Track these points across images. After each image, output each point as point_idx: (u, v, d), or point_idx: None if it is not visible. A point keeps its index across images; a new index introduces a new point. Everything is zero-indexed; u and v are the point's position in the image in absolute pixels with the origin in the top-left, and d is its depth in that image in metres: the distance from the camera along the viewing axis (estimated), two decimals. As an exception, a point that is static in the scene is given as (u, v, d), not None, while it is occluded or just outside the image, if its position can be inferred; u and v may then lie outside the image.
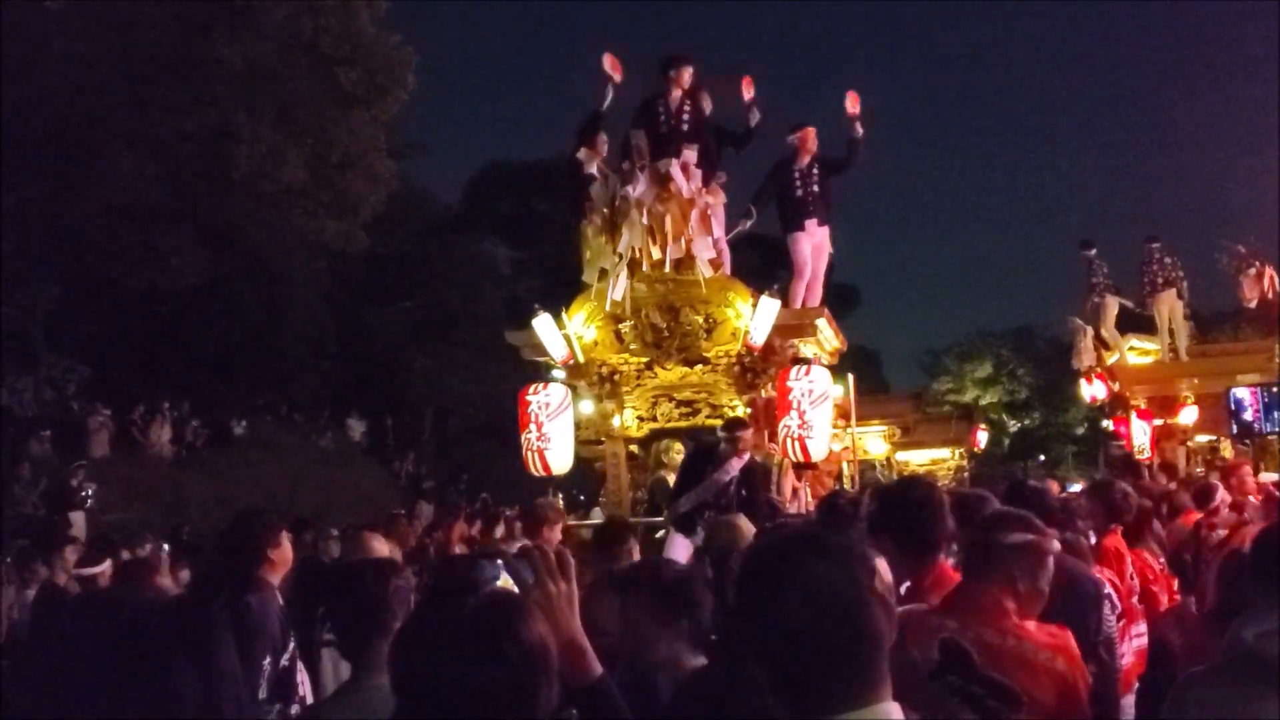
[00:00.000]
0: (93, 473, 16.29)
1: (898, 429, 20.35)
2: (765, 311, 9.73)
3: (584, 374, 10.36)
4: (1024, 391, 47.65)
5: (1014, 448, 46.46)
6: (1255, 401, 15.16)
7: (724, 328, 10.14)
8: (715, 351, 10.18)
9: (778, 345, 10.06)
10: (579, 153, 10.44)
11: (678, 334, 10.16)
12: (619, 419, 10.35)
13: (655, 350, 10.21)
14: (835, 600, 1.77)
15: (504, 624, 1.88)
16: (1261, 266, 18.02)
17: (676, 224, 9.94)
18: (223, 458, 20.28)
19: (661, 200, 9.94)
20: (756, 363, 10.03)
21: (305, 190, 19.93)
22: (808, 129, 11.15)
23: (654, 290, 10.21)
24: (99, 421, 18.62)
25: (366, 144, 20.09)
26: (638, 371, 10.33)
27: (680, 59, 10.59)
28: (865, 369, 43.72)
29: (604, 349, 10.37)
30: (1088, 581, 4.12)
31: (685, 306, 10.17)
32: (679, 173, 9.96)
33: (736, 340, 10.00)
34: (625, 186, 10.06)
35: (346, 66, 19.11)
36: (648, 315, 10.19)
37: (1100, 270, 19.47)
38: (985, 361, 47.74)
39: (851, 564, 1.81)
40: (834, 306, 29.87)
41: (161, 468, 19.12)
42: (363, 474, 23.31)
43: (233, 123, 18.55)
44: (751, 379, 10.09)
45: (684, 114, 10.44)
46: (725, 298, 10.16)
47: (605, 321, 10.30)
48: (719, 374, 10.22)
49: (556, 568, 2.22)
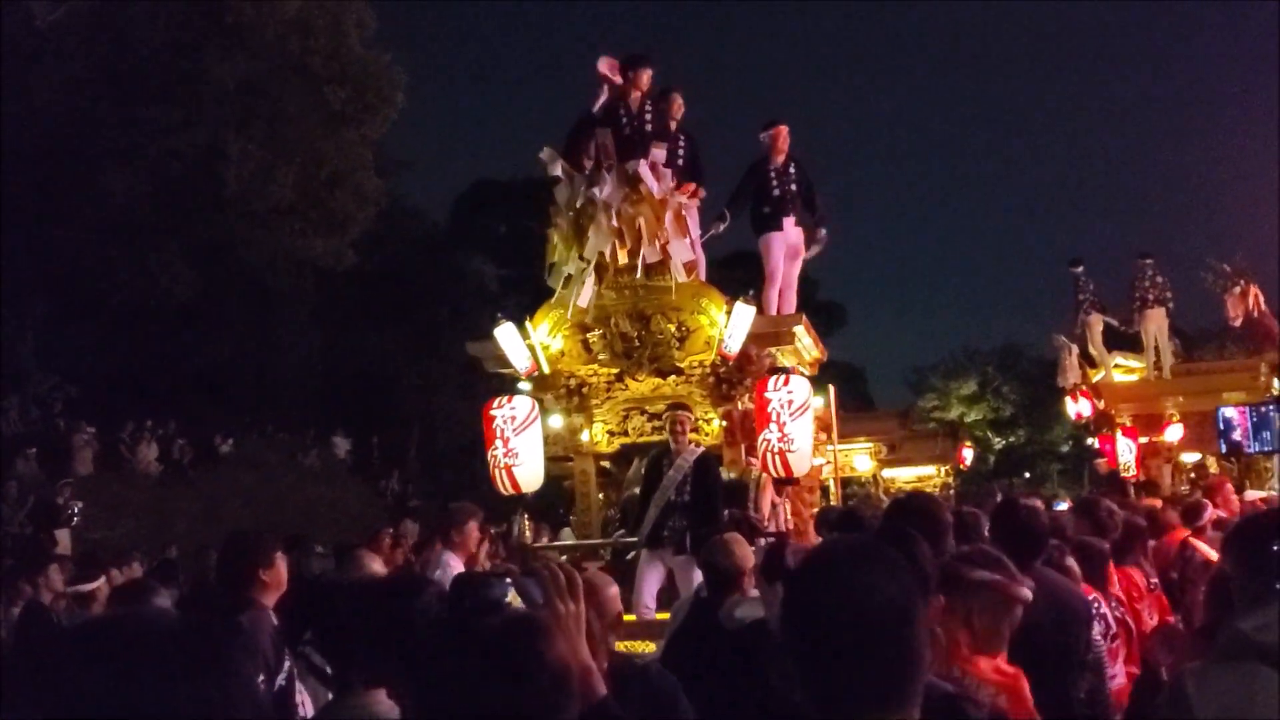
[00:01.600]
0: (79, 491, 16.25)
1: (884, 446, 20.43)
2: (740, 318, 9.23)
3: (551, 386, 9.84)
4: (1009, 409, 47.79)
5: (999, 465, 46.54)
6: (1244, 421, 15.21)
7: (697, 336, 9.60)
8: (689, 361, 9.63)
9: (754, 354, 9.52)
10: (542, 153, 9.90)
11: (648, 343, 9.62)
12: (588, 433, 9.84)
13: (625, 360, 9.67)
14: (887, 612, 1.79)
15: (529, 644, 1.91)
16: (1246, 285, 18.14)
17: (649, 226, 9.47)
18: (208, 476, 20.24)
19: (631, 202, 9.49)
20: (732, 373, 9.51)
21: (294, 208, 19.97)
22: (779, 127, 10.77)
23: (623, 297, 9.69)
24: (84, 439, 18.57)
25: (355, 162, 20.15)
26: (607, 383, 9.81)
27: (638, 59, 10.13)
28: (851, 386, 43.86)
29: (571, 360, 9.83)
30: (1076, 600, 4.14)
31: (656, 314, 9.63)
32: (648, 173, 9.46)
33: (710, 349, 9.47)
34: (592, 188, 9.60)
35: (336, 85, 19.18)
36: (617, 323, 9.67)
37: (1087, 288, 19.58)
38: (970, 379, 47.91)
39: (907, 578, 1.84)
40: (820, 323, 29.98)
41: (147, 486, 19.07)
42: (348, 492, 23.24)
43: (222, 141, 18.58)
44: (727, 390, 9.57)
45: (645, 115, 9.92)
46: (698, 304, 9.64)
47: (572, 331, 9.78)
48: (693, 385, 9.66)
49: (565, 588, 2.23)
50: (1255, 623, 2.80)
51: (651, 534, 8.33)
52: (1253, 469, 16.27)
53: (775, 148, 10.69)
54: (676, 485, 8.39)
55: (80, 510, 15.70)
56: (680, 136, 10.15)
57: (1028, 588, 3.18)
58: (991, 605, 3.09)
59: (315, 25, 18.67)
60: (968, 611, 3.05)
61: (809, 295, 41.41)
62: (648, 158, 9.60)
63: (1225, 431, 15.37)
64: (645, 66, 10.02)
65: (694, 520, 8.12)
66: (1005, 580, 3.14)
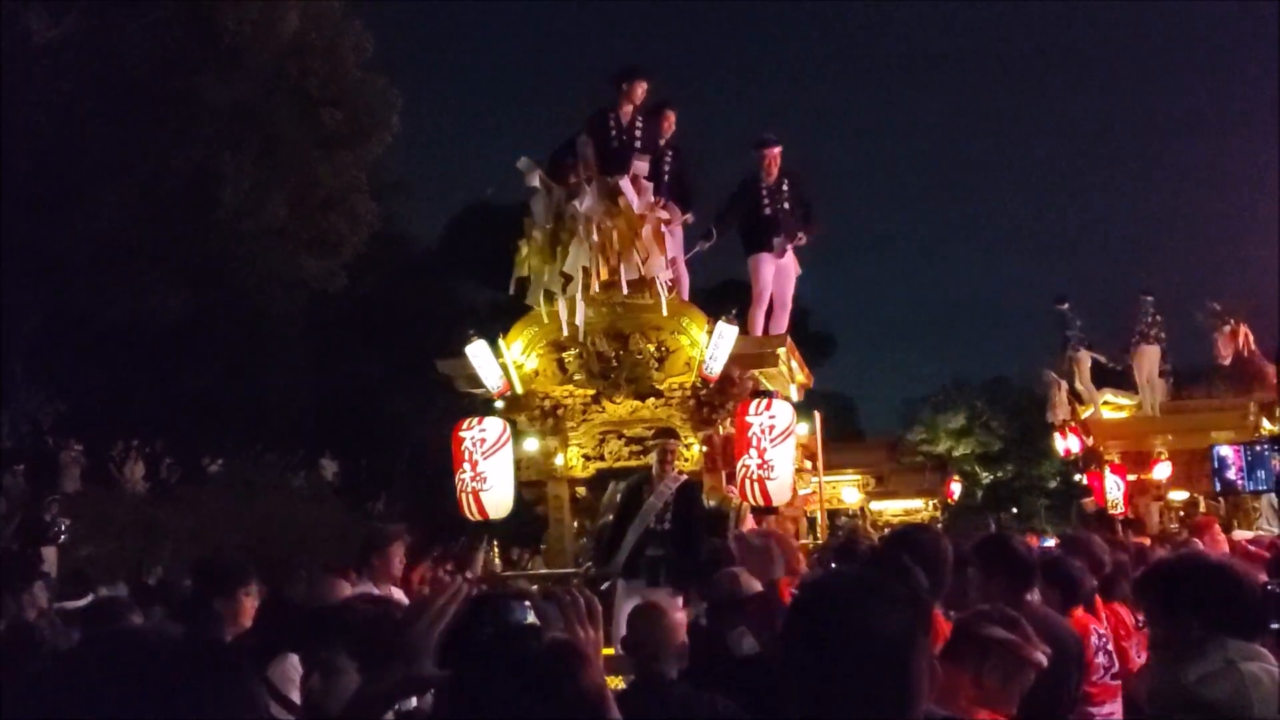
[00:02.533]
0: (66, 508, 16.18)
1: (872, 478, 20.48)
2: (722, 339, 8.88)
3: (525, 407, 9.47)
4: (998, 443, 47.75)
5: (987, 499, 46.51)
6: (1238, 459, 15.24)
7: (677, 357, 9.26)
8: (668, 383, 9.28)
9: (736, 377, 9.19)
10: (519, 162, 9.57)
11: (626, 363, 9.25)
12: (562, 457, 9.44)
13: (602, 381, 9.30)
14: (886, 643, 1.80)
15: (567, 669, 1.93)
16: (1236, 324, 18.25)
17: (625, 241, 9.12)
18: (196, 495, 20.19)
19: (610, 216, 9.16)
20: (713, 396, 9.15)
21: (287, 229, 19.94)
22: (774, 148, 10.41)
23: (600, 315, 9.32)
24: (72, 456, 18.51)
25: (349, 184, 20.15)
26: (584, 405, 9.44)
27: (635, 72, 9.85)
28: (840, 417, 43.87)
29: (546, 380, 9.47)
30: (1068, 638, 4.14)
31: (635, 333, 9.28)
32: (629, 186, 9.15)
33: (691, 371, 9.13)
34: (571, 200, 9.25)
35: (331, 108, 19.20)
36: (594, 342, 9.29)
37: (1074, 324, 19.70)
38: (960, 412, 47.89)
39: (906, 610, 1.85)
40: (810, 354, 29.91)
41: (134, 504, 19.03)
42: (335, 514, 23.19)
43: (217, 161, 18.57)
44: (708, 414, 9.21)
45: (635, 130, 9.65)
46: (678, 324, 9.28)
47: (547, 349, 9.44)
48: (673, 408, 9.30)
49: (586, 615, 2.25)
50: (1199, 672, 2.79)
51: (629, 563, 8.06)
52: (1241, 508, 16.32)
53: (766, 167, 10.39)
54: (657, 513, 8.15)
55: (67, 528, 15.62)
56: (669, 153, 9.93)
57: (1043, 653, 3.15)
58: (1003, 665, 3.07)
59: (312, 48, 18.71)
60: (978, 669, 3.03)
61: (799, 325, 41.67)
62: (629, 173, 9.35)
63: (1219, 470, 15.41)
64: (640, 79, 9.78)
65: (673, 550, 7.95)
66: (1020, 641, 3.10)
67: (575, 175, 9.40)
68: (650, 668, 4.05)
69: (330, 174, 19.86)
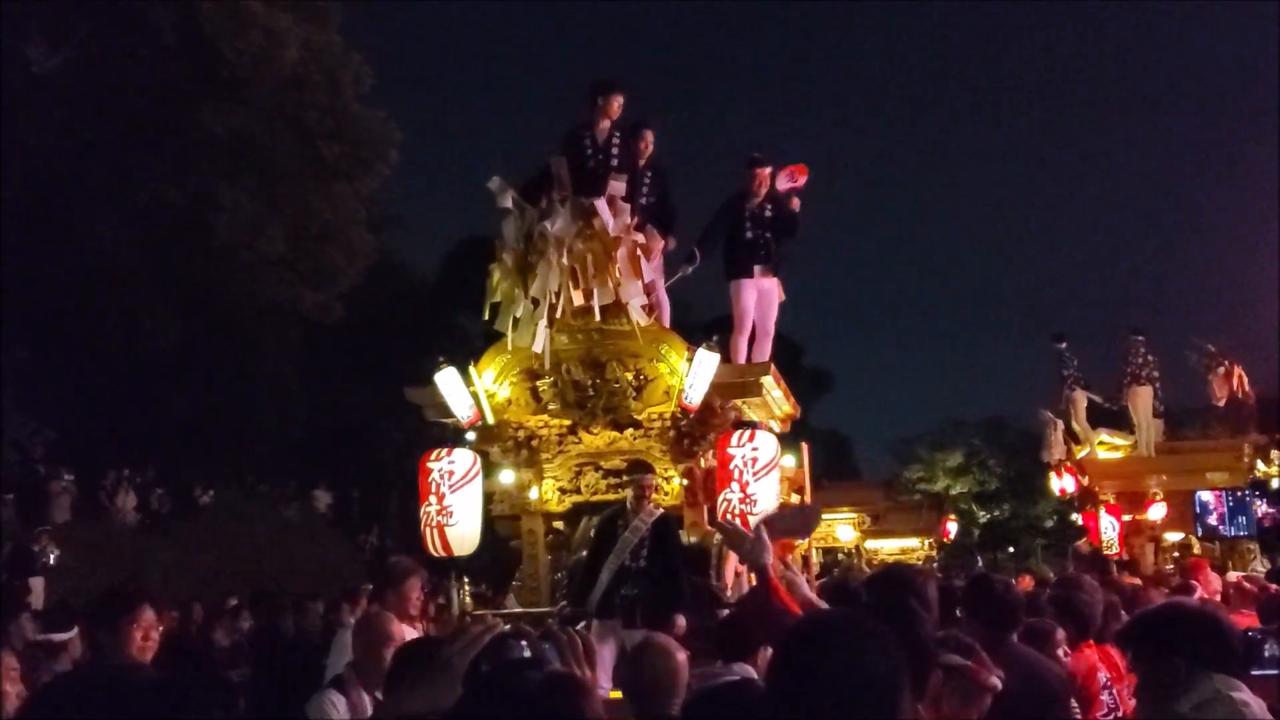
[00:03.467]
0: (55, 538, 16.11)
1: (867, 516, 20.40)
2: (702, 367, 8.46)
3: (497, 438, 9.05)
4: (994, 482, 47.78)
5: (983, 538, 46.48)
6: (1219, 505, 15.24)
7: (656, 385, 8.80)
8: (647, 413, 8.83)
9: (718, 406, 8.75)
10: (491, 182, 9.13)
11: (603, 392, 8.80)
12: (537, 490, 9.01)
13: (578, 411, 8.87)
14: (873, 684, 1.81)
15: (569, 700, 1.91)
16: (1231, 365, 18.25)
17: (599, 265, 8.70)
18: (186, 525, 20.12)
19: (584, 238, 8.74)
20: (694, 426, 8.71)
21: (283, 260, 19.98)
22: (764, 169, 9.85)
23: (575, 342, 8.88)
24: (61, 486, 18.44)
25: (346, 217, 20.21)
26: (559, 436, 9.01)
27: (610, 85, 9.33)
28: (837, 455, 43.89)
29: (519, 409, 9.01)
30: (1052, 677, 4.11)
31: (612, 361, 8.83)
32: (604, 207, 8.71)
33: (671, 400, 8.68)
34: (543, 221, 8.79)
35: (330, 140, 19.29)
36: (569, 370, 8.85)
37: (1071, 363, 19.69)
38: (957, 451, 47.92)
39: (895, 651, 1.86)
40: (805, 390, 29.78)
41: (125, 534, 18.94)
42: (327, 546, 23.10)
43: (214, 191, 18.64)
44: (689, 445, 8.76)
45: (613, 147, 9.15)
46: (657, 351, 8.81)
47: (520, 378, 8.98)
48: (652, 439, 8.85)
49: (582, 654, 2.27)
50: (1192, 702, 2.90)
51: (603, 602, 7.63)
52: (1236, 550, 16.27)
53: (752, 189, 9.82)
54: (632, 549, 7.73)
55: (56, 558, 15.55)
56: (649, 173, 9.48)
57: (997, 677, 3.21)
58: (960, 690, 3.12)
59: (312, 81, 18.81)
60: (936, 695, 3.07)
61: (794, 360, 41.79)
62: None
63: (1201, 515, 15.40)
64: (616, 92, 9.26)
65: (650, 589, 7.60)
66: (975, 667, 3.16)
67: (548, 195, 8.99)
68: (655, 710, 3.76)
69: (328, 206, 19.93)
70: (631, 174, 9.19)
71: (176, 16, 16.92)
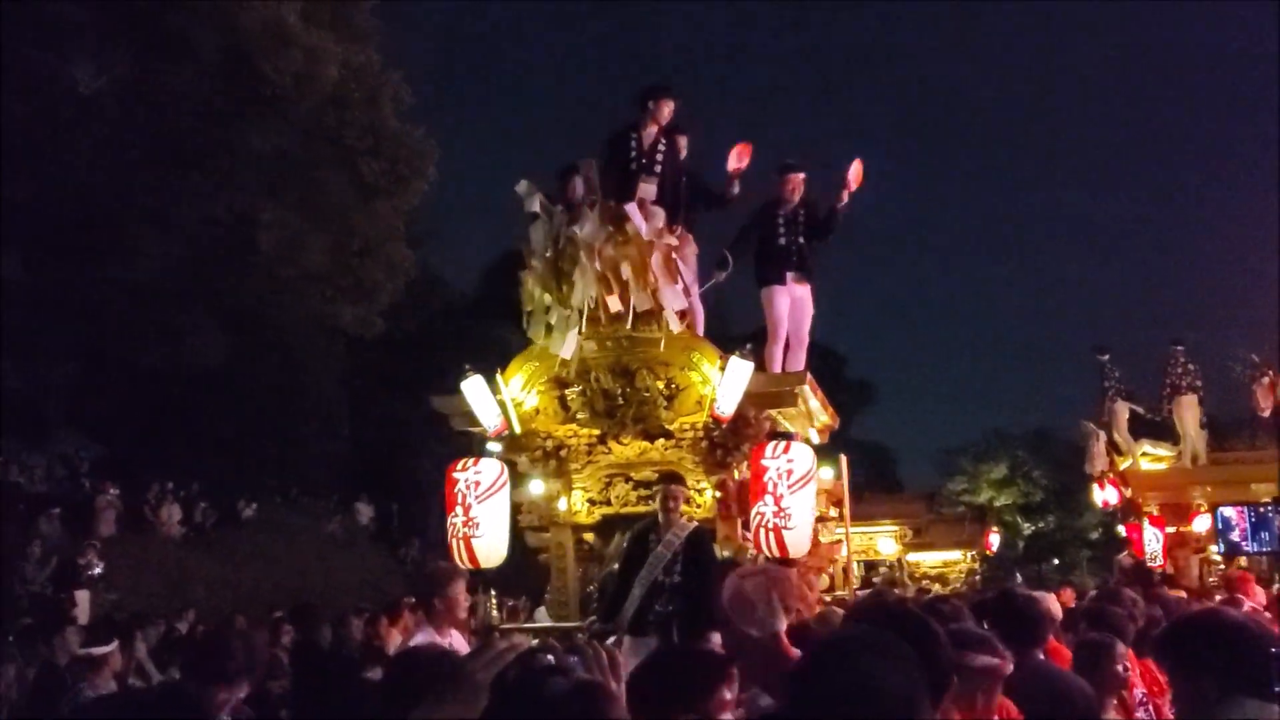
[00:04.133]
0: (101, 552, 16.31)
1: (909, 529, 20.27)
2: (735, 376, 8.21)
3: (525, 448, 8.82)
4: (1039, 494, 47.34)
5: (1028, 551, 46.07)
6: (1242, 521, 14.99)
7: (687, 394, 8.55)
8: (679, 423, 8.58)
9: (752, 417, 8.46)
10: (519, 186, 8.97)
11: (633, 401, 8.54)
12: (565, 501, 8.80)
13: (607, 420, 8.62)
14: (890, 702, 1.82)
15: (594, 707, 1.96)
16: (1276, 376, 18.00)
17: (635, 270, 8.46)
18: (230, 539, 20.28)
19: (616, 243, 8.50)
20: (726, 437, 8.45)
21: (325, 276, 20.20)
22: (797, 175, 9.66)
23: (605, 349, 8.63)
24: (107, 500, 18.67)
25: (386, 232, 20.40)
26: (588, 446, 8.78)
27: (661, 90, 9.19)
28: (879, 467, 43.66)
29: (547, 418, 8.80)
30: (1075, 693, 4.08)
31: (641, 369, 8.56)
32: (635, 212, 8.50)
33: (702, 410, 8.45)
34: (571, 226, 8.57)
35: (370, 157, 19.49)
36: (597, 379, 8.62)
37: (1113, 375, 19.53)
38: (1001, 463, 47.53)
39: (913, 669, 1.88)
40: (848, 402, 29.48)
41: (169, 548, 19.12)
42: (369, 558, 23.24)
43: (256, 208, 18.87)
44: (722, 456, 8.48)
45: (657, 154, 9.01)
46: (688, 359, 8.57)
47: (548, 386, 8.76)
48: (684, 450, 8.60)
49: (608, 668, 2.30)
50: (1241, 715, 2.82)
51: (635, 619, 7.35)
52: (1277, 565, 16.01)
53: (785, 195, 9.63)
54: (665, 564, 7.49)
55: (102, 571, 15.76)
56: (682, 178, 9.31)
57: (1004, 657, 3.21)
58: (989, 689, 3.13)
59: (352, 99, 19.04)
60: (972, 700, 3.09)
61: (837, 371, 41.65)
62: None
63: (1224, 531, 15.15)
64: (666, 98, 9.14)
65: (683, 605, 7.33)
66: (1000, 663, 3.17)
67: (570, 193, 8.84)
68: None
69: (368, 222, 20.14)
70: (672, 178, 9.04)
71: (219, 37, 17.17)
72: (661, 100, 9.09)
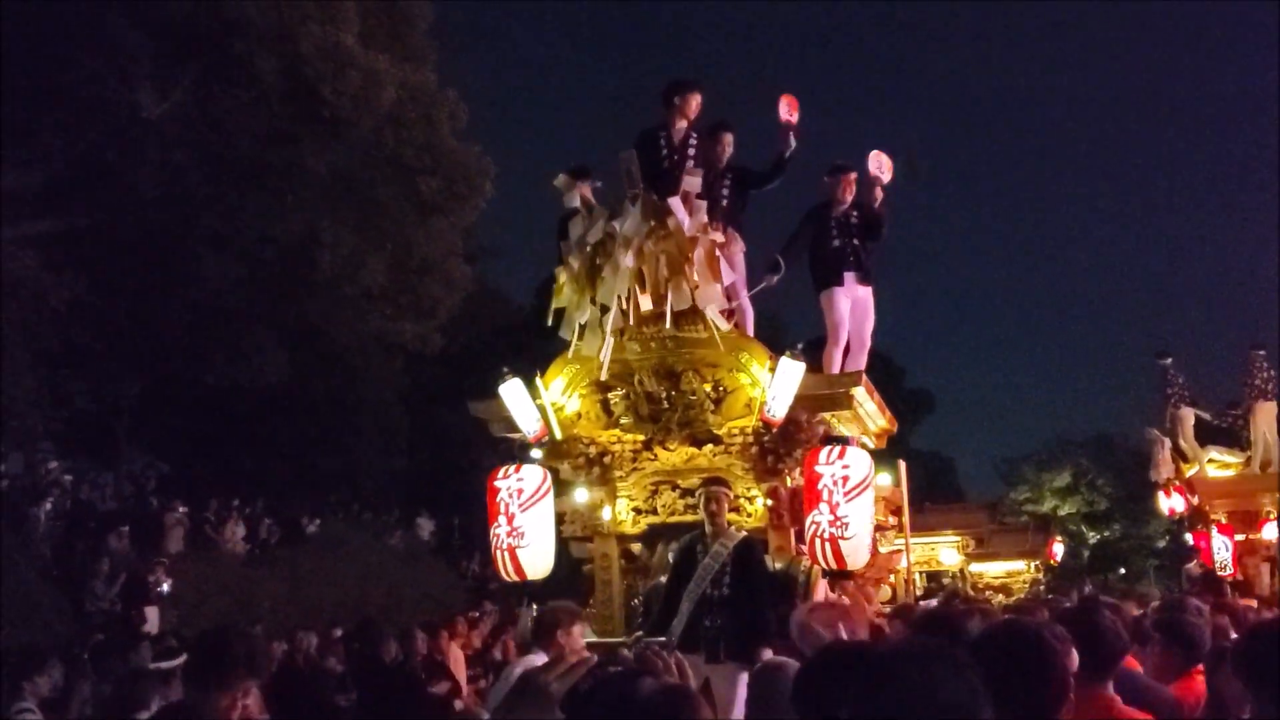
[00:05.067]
0: (169, 568, 16.60)
1: (971, 539, 20.06)
2: (786, 377, 7.81)
3: (567, 454, 8.47)
4: (1104, 502, 46.70)
5: (1093, 560, 45.43)
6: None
7: (736, 397, 8.17)
8: (727, 428, 8.20)
9: (804, 420, 8.02)
10: (557, 180, 8.72)
11: (679, 405, 8.17)
12: (610, 510, 8.42)
13: (652, 425, 8.26)
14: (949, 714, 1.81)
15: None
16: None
17: (674, 267, 8.08)
18: (293, 555, 20.50)
19: (657, 238, 8.12)
20: (778, 442, 8.02)
21: (384, 293, 20.42)
22: (850, 174, 9.37)
23: (649, 350, 8.22)
24: (175, 518, 18.97)
25: (445, 249, 20.58)
26: (633, 452, 8.43)
27: (686, 84, 8.93)
28: (939, 477, 43.33)
29: (589, 423, 8.43)
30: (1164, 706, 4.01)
31: (687, 370, 8.17)
32: (679, 205, 8.11)
33: (752, 413, 8.08)
34: (611, 221, 8.24)
35: (427, 176, 19.67)
36: (641, 381, 8.21)
37: (1176, 380, 19.23)
38: (1064, 471, 46.94)
39: (973, 680, 1.86)
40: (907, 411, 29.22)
41: (234, 564, 19.37)
42: (430, 573, 23.39)
43: (317, 228, 19.12)
44: (774, 463, 8.06)
45: (689, 149, 8.76)
46: (736, 360, 8.17)
47: (590, 390, 8.40)
48: (733, 456, 8.22)
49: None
50: None
51: (685, 635, 6.86)
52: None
53: (839, 195, 9.36)
54: (713, 575, 7.13)
55: (169, 588, 16.03)
56: (728, 175, 9.06)
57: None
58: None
59: (409, 118, 19.23)
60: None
61: (896, 381, 41.39)
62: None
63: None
64: (692, 92, 8.87)
65: (732, 619, 6.97)
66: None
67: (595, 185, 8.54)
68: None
69: (426, 240, 20.33)
70: (709, 176, 8.74)
71: (278, 61, 17.42)
72: (687, 95, 8.85)
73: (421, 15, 20.39)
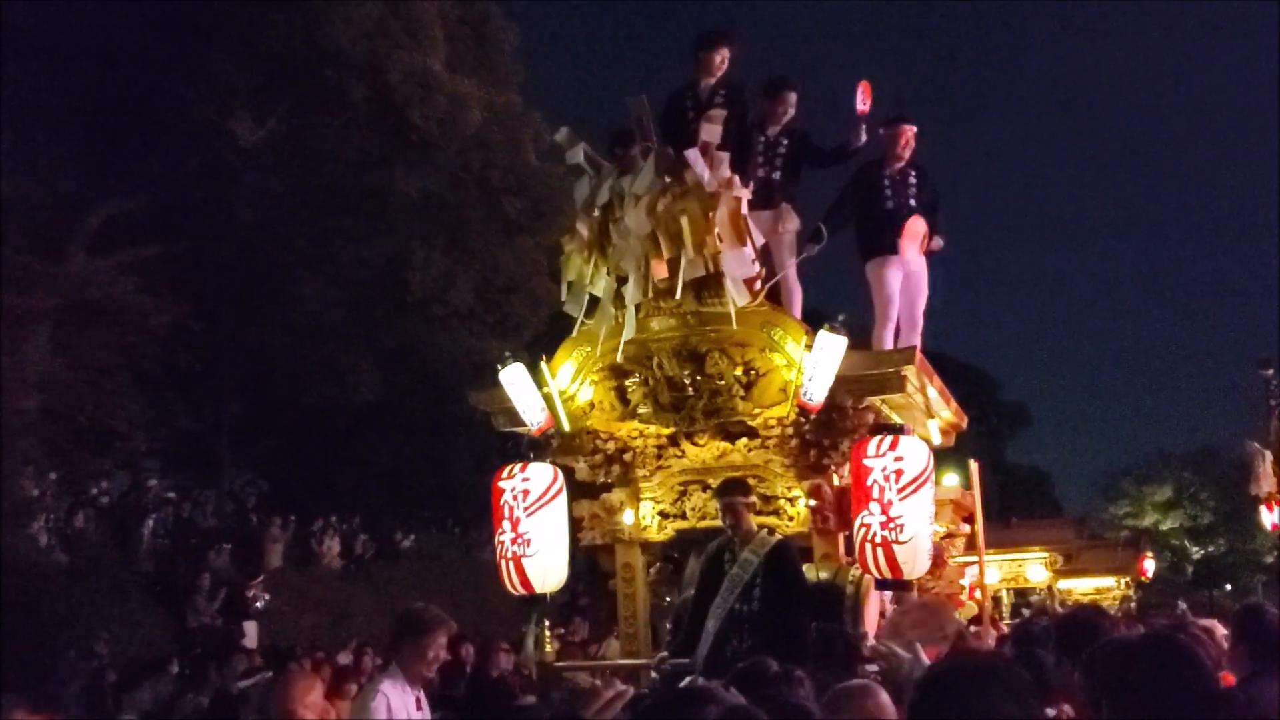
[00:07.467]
0: (267, 584, 17.03)
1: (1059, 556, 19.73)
2: (825, 355, 6.56)
3: (581, 450, 7.41)
4: (1207, 516, 45.51)
5: (1198, 576, 44.30)
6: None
7: (769, 381, 6.93)
8: (762, 417, 7.01)
9: (849, 406, 6.84)
10: (559, 134, 7.76)
11: (704, 391, 6.97)
12: (632, 514, 7.36)
13: (674, 415, 7.07)
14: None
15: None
16: None
17: (695, 228, 6.85)
18: (388, 570, 20.83)
19: (674, 195, 6.93)
20: (820, 432, 6.84)
21: (473, 312, 20.81)
22: (909, 127, 8.11)
23: (668, 327, 7.08)
24: (275, 534, 19.45)
25: (530, 269, 20.91)
26: (657, 448, 7.33)
27: (709, 38, 7.95)
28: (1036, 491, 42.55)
29: (604, 414, 7.31)
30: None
31: (713, 351, 6.97)
32: (697, 157, 6.93)
33: (788, 400, 6.86)
34: (621, 179, 7.13)
35: (512, 196, 20.05)
36: (660, 364, 7.05)
37: (1278, 391, 18.76)
38: (1165, 484, 45.88)
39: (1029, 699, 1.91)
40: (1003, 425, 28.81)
41: (331, 579, 19.76)
42: (522, 589, 23.57)
43: (408, 250, 19.57)
44: (817, 457, 6.87)
45: (715, 104, 7.70)
46: (769, 338, 6.93)
47: (604, 376, 7.29)
48: (770, 450, 7.05)
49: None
50: None
51: (711, 656, 6.04)
52: None
53: (895, 151, 8.10)
54: (742, 588, 6.27)
55: (267, 603, 16.46)
56: (785, 138, 8.05)
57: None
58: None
59: (494, 142, 19.63)
60: None
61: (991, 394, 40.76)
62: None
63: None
64: (718, 46, 7.92)
65: (765, 638, 5.92)
66: None
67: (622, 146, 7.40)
68: None
69: (512, 259, 20.71)
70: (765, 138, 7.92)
71: (368, 88, 17.90)
72: (712, 49, 7.91)
73: (507, 38, 20.84)
